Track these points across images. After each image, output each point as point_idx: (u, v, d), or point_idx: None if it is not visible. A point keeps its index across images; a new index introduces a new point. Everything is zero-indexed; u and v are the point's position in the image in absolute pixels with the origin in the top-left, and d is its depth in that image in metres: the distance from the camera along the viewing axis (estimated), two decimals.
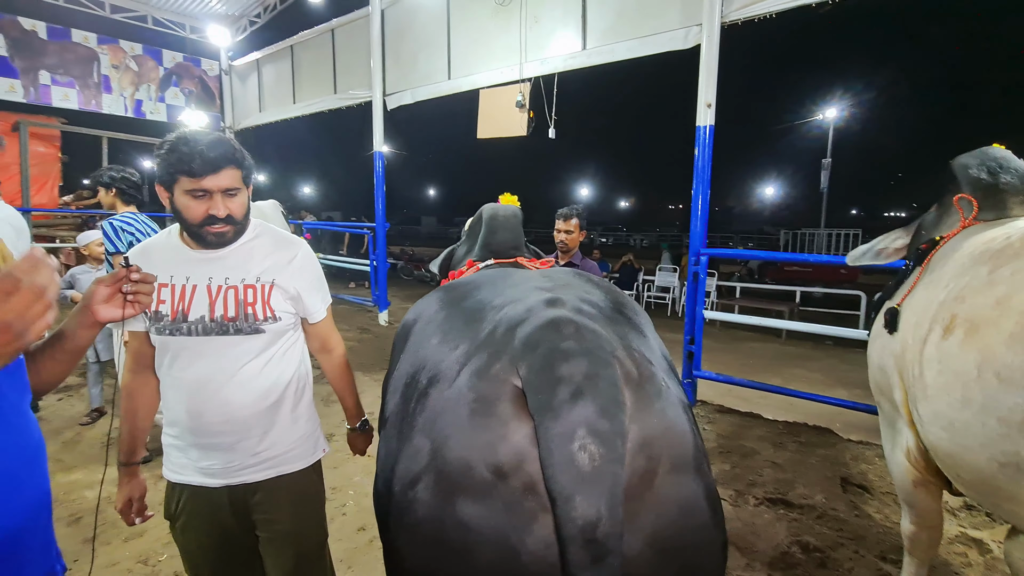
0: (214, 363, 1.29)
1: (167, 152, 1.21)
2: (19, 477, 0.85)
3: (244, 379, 1.31)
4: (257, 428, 1.33)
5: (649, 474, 0.73)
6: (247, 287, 1.31)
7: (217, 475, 1.32)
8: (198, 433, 1.31)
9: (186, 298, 1.28)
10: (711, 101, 3.52)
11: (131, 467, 1.36)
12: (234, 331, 1.29)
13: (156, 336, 1.28)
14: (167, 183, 1.23)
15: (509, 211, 1.81)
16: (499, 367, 0.78)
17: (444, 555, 0.72)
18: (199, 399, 1.29)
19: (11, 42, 7.05)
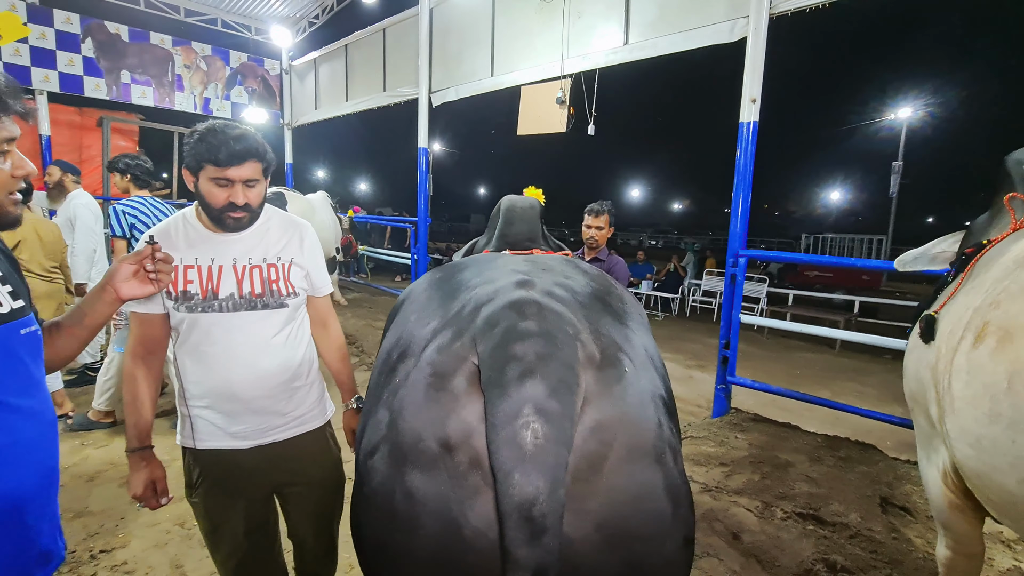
0: (246, 335, 1.39)
1: (197, 140, 1.30)
2: (34, 447, 0.89)
3: (273, 349, 1.43)
4: (285, 392, 1.46)
5: (600, 459, 0.72)
6: (269, 266, 1.43)
7: (249, 437, 1.43)
8: (232, 400, 1.40)
9: (214, 278, 1.37)
10: (756, 96, 3.37)
11: (145, 451, 1.41)
12: (261, 306, 1.41)
13: (186, 314, 1.36)
14: (193, 168, 1.32)
15: (527, 203, 1.80)
16: (459, 344, 0.78)
17: (394, 525, 0.74)
18: (234, 369, 1.39)
19: (98, 44, 7.70)
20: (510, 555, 0.64)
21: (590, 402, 0.74)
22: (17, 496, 0.85)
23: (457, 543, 0.69)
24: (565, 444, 0.68)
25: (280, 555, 1.62)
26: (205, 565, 2.24)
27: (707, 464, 3.15)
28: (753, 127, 3.40)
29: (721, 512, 2.63)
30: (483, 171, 47.44)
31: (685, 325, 8.56)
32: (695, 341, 7.26)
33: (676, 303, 9.46)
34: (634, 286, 9.58)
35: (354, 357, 5.36)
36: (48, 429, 0.93)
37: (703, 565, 2.26)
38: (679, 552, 0.77)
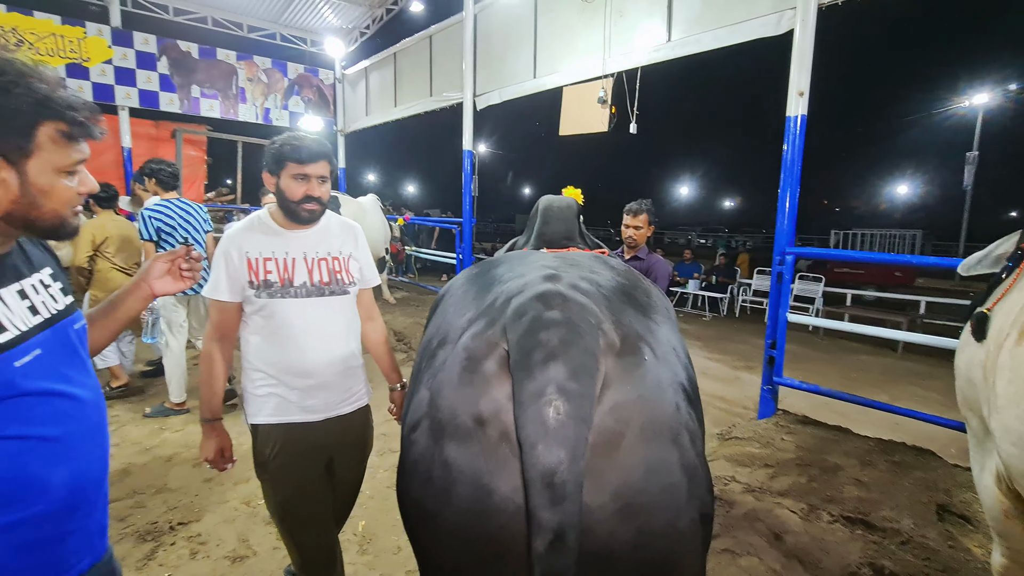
0: (317, 318, 1.61)
1: (280, 146, 1.55)
2: (95, 431, 0.97)
3: (339, 330, 1.67)
4: (347, 369, 1.69)
5: (617, 436, 0.79)
6: (333, 258, 1.66)
7: (319, 411, 1.63)
8: (307, 376, 1.60)
9: (289, 269, 1.59)
10: (804, 90, 3.29)
11: (215, 422, 1.63)
12: (329, 293, 1.64)
13: (267, 300, 1.57)
14: (275, 169, 1.56)
15: (563, 202, 1.85)
16: (491, 332, 0.87)
17: (432, 492, 0.83)
18: (308, 347, 1.59)
19: (172, 62, 8.35)
20: (534, 517, 0.72)
21: (609, 385, 0.81)
22: (86, 476, 0.95)
23: (487, 506, 0.78)
24: (584, 421, 0.75)
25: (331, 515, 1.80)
26: (267, 540, 2.44)
27: (751, 465, 3.10)
28: (801, 121, 3.32)
29: (763, 512, 2.60)
30: (527, 172, 47.54)
31: (734, 325, 8.33)
32: (744, 342, 7.07)
33: (725, 303, 9.20)
34: (680, 285, 9.41)
35: (402, 353, 5.58)
36: (102, 415, 1.01)
37: (742, 563, 2.26)
38: (694, 527, 0.82)
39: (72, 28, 7.50)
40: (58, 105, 0.82)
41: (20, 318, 0.85)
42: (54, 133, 0.82)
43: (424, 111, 7.96)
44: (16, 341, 0.83)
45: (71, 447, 0.90)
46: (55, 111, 0.82)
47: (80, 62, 7.58)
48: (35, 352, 0.85)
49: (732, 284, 9.36)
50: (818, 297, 8.33)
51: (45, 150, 0.82)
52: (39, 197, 0.83)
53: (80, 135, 0.86)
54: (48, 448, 0.87)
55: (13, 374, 0.81)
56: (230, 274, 1.56)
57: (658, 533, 0.78)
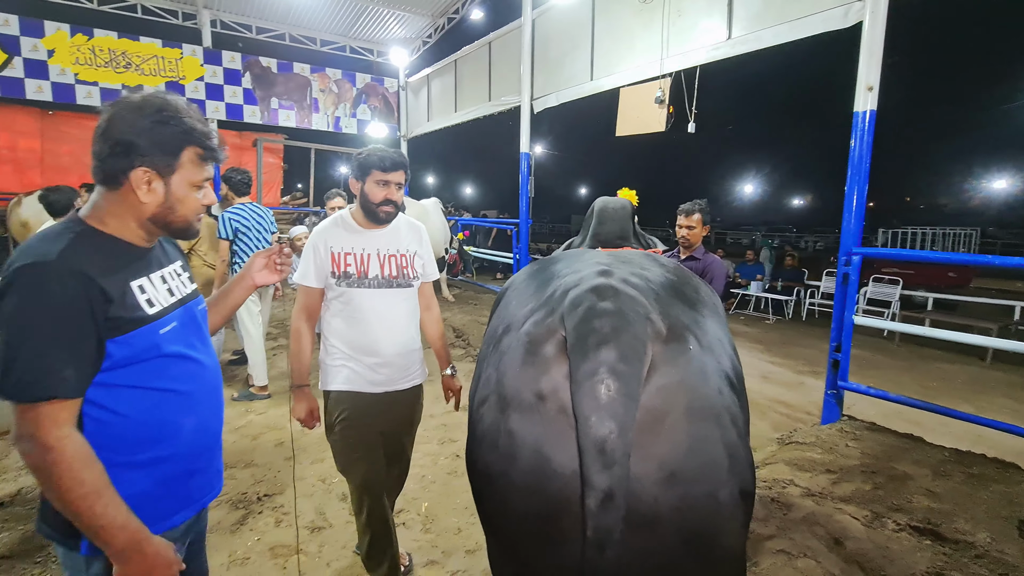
0: (386, 306, 1.87)
1: (366, 156, 1.82)
2: (212, 390, 1.19)
3: (403, 317, 1.92)
4: (408, 351, 1.94)
5: (662, 413, 0.88)
6: (401, 255, 1.91)
7: (382, 384, 1.89)
8: (375, 354, 1.86)
9: (365, 263, 1.85)
10: (873, 84, 3.17)
11: (304, 388, 1.90)
12: (396, 285, 1.89)
13: (346, 288, 1.83)
14: (360, 176, 1.82)
15: (618, 203, 1.92)
16: (551, 320, 0.99)
17: (498, 458, 0.96)
18: (379, 330, 1.85)
19: (254, 77, 9.06)
20: (587, 480, 0.83)
21: (656, 368, 0.91)
22: (208, 427, 1.17)
23: (547, 470, 0.90)
24: (632, 398, 0.85)
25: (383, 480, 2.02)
26: (341, 514, 2.68)
27: (811, 470, 3.04)
28: (870, 116, 3.20)
29: (823, 517, 2.56)
30: (583, 173, 47.17)
31: (800, 329, 7.98)
32: (810, 347, 6.77)
33: (790, 306, 8.82)
34: (742, 287, 9.11)
35: (460, 349, 5.80)
36: (219, 379, 1.23)
37: (799, 564, 2.24)
38: (734, 500, 0.90)
39: (171, 50, 8.33)
40: (199, 135, 1.06)
41: (162, 297, 1.08)
42: (193, 156, 1.06)
43: (483, 115, 8.20)
44: (161, 314, 1.06)
45: (197, 402, 1.13)
46: (196, 139, 1.06)
47: (177, 80, 8.40)
48: (172, 324, 1.08)
49: (799, 287, 8.95)
50: (894, 301, 7.83)
51: (185, 168, 1.06)
52: (176, 205, 1.07)
53: (210, 159, 1.10)
54: (181, 400, 1.09)
55: (158, 339, 1.04)
56: (317, 264, 1.85)
57: (700, 501, 0.87)
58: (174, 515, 1.11)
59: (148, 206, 1.04)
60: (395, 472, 2.13)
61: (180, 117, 1.03)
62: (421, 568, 2.31)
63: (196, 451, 1.14)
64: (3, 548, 2.32)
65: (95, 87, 7.80)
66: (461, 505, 2.80)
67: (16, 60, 7.30)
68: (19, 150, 8.35)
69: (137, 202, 1.03)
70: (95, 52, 7.77)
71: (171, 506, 1.10)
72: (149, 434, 1.04)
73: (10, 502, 2.68)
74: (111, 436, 1.00)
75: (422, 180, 34.70)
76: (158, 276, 1.09)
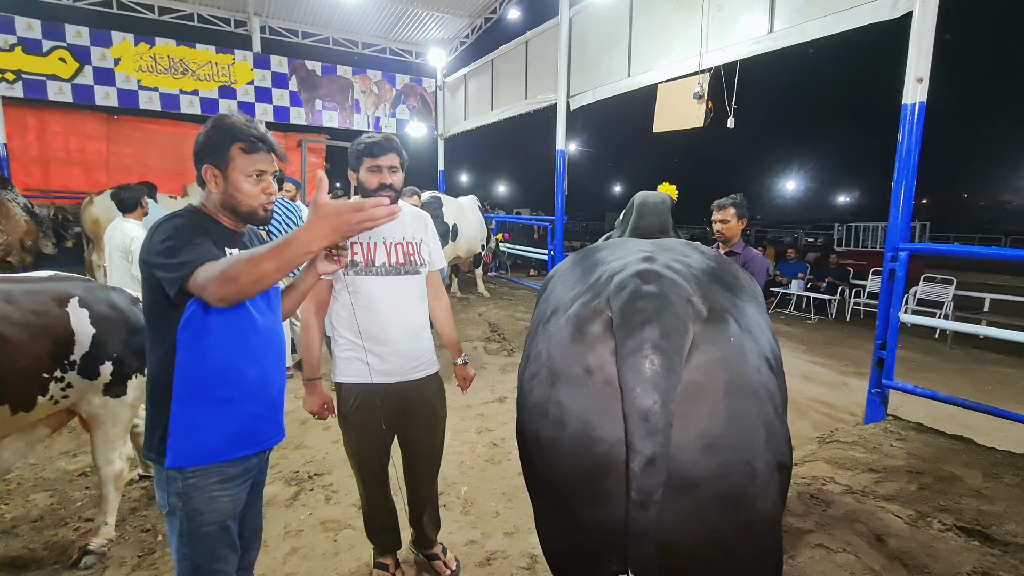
0: (395, 294, 1.90)
1: (356, 145, 1.86)
2: (273, 344, 1.43)
3: (412, 304, 1.94)
4: (418, 339, 1.95)
5: (702, 388, 0.95)
6: (408, 243, 1.94)
7: (392, 375, 1.91)
8: (384, 343, 1.88)
9: (372, 251, 1.89)
10: (923, 75, 3.09)
11: (314, 381, 1.92)
12: (404, 272, 1.90)
13: (354, 277, 1.86)
14: (355, 166, 1.86)
15: (658, 197, 1.95)
16: (597, 302, 1.07)
17: (548, 424, 1.05)
18: (388, 318, 1.88)
19: (300, 80, 9.44)
20: (631, 445, 0.91)
21: (697, 346, 0.97)
22: (270, 378, 1.40)
23: (593, 436, 0.97)
24: (674, 372, 0.92)
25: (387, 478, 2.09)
26: None
27: (853, 468, 3.00)
28: (919, 109, 3.12)
29: (864, 515, 2.53)
30: (618, 171, 46.66)
31: (844, 329, 7.73)
32: (855, 347, 6.57)
33: (834, 305, 8.55)
34: (782, 285, 8.89)
35: (495, 343, 5.91)
36: (280, 343, 1.48)
37: (838, 559, 2.24)
38: (769, 470, 0.96)
39: (224, 56, 8.77)
40: (238, 132, 1.31)
41: None
42: (238, 150, 1.31)
43: (519, 113, 8.29)
44: None
45: (261, 355, 1.38)
46: (238, 136, 1.31)
47: (230, 85, 8.84)
48: None
49: (844, 286, 8.67)
50: (948, 301, 7.49)
51: (236, 161, 1.32)
52: (235, 192, 1.33)
53: (253, 149, 1.33)
54: (248, 350, 1.34)
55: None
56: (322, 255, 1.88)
57: (736, 469, 0.93)
58: (240, 449, 1.35)
59: (216, 196, 1.34)
60: (422, 464, 2.11)
61: (226, 123, 1.31)
62: (461, 547, 2.42)
63: (259, 397, 1.38)
64: (88, 512, 2.56)
65: (155, 92, 8.30)
66: (499, 491, 2.90)
67: (87, 69, 7.85)
68: (87, 152, 8.98)
69: (211, 192, 1.34)
70: (156, 59, 8.27)
71: (239, 440, 1.34)
72: (223, 375, 1.29)
73: (90, 472, 2.94)
74: (195, 374, 1.26)
75: (458, 178, 35.11)
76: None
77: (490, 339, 6.08)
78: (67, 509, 2.61)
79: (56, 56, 7.63)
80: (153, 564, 2.24)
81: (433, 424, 2.08)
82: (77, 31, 7.76)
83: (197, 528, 1.30)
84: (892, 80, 3.26)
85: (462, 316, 6.93)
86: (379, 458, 2.02)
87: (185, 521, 1.29)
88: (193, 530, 1.30)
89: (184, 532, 1.30)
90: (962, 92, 23.36)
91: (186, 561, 1.32)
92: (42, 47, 7.55)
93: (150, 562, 2.26)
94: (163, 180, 8.06)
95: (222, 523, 1.34)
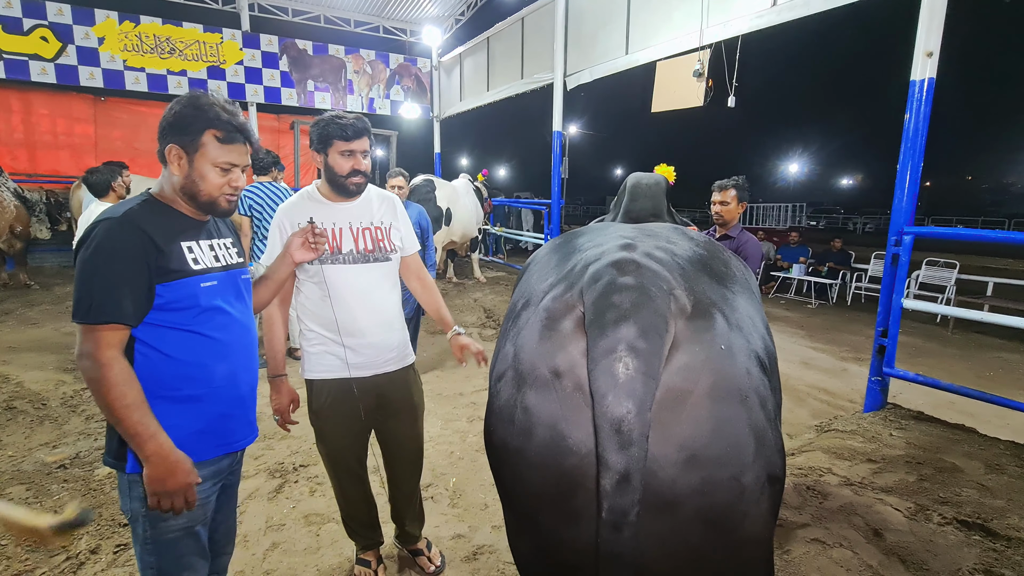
0: (364, 282, 1.78)
1: (325, 125, 1.69)
2: (243, 345, 1.35)
3: (383, 294, 1.82)
4: (391, 330, 1.85)
5: (684, 393, 0.84)
6: (376, 228, 1.80)
7: (364, 367, 1.80)
8: (354, 335, 1.77)
9: (337, 237, 1.75)
10: (933, 49, 2.93)
11: (279, 379, 1.79)
12: (373, 260, 1.79)
13: (320, 266, 1.72)
14: (321, 148, 1.71)
15: (652, 179, 1.82)
16: (570, 295, 0.96)
17: (514, 432, 0.95)
18: (356, 308, 1.76)
19: (291, 60, 9.19)
20: (603, 459, 0.81)
21: (679, 346, 0.87)
22: (240, 376, 1.33)
23: (562, 447, 0.88)
24: (651, 376, 0.82)
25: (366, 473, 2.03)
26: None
27: (851, 459, 2.92)
28: (928, 85, 2.96)
29: (862, 507, 2.46)
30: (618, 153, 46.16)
31: (845, 315, 7.64)
32: (856, 333, 6.48)
33: (835, 290, 8.44)
34: (782, 269, 8.77)
35: (490, 330, 5.83)
36: (253, 338, 1.39)
37: (834, 555, 2.17)
38: (760, 486, 0.86)
39: (212, 35, 8.52)
40: (218, 118, 1.21)
41: (207, 259, 1.27)
42: (212, 138, 1.21)
43: (515, 93, 8.07)
44: (203, 271, 1.25)
45: (230, 351, 1.30)
46: (215, 123, 1.21)
47: (218, 65, 8.61)
48: (212, 282, 1.26)
49: (845, 270, 8.54)
50: (950, 285, 7.38)
51: (207, 148, 1.21)
52: (199, 180, 1.22)
53: (230, 140, 1.23)
54: (215, 347, 1.26)
55: (198, 291, 1.23)
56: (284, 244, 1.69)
57: (721, 485, 0.83)
58: (207, 451, 1.28)
59: (178, 179, 1.23)
60: (402, 460, 2.02)
61: (203, 102, 1.20)
62: (447, 540, 2.35)
63: (228, 396, 1.30)
64: (64, 506, 2.49)
65: (142, 73, 8.08)
66: (489, 482, 2.82)
67: (70, 48, 7.62)
68: (75, 135, 8.79)
69: (173, 174, 1.23)
70: (142, 38, 8.03)
71: (206, 442, 1.27)
72: (186, 373, 1.22)
73: (70, 464, 2.87)
74: (156, 372, 1.19)
75: (455, 162, 34.72)
76: (207, 243, 1.29)
77: (485, 325, 6.00)
78: (43, 504, 2.54)
79: (38, 35, 7.40)
80: (129, 561, 2.17)
81: (412, 418, 1.99)
82: (59, 9, 7.51)
83: (162, 535, 1.23)
84: (898, 56, 3.09)
85: (457, 302, 6.84)
86: (355, 454, 1.93)
87: (149, 528, 1.22)
88: (158, 537, 1.23)
89: (148, 539, 1.23)
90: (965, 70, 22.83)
91: (151, 570, 1.25)
92: (23, 25, 7.32)
93: (125, 558, 2.19)
94: (153, 164, 7.88)
95: (190, 529, 1.26)
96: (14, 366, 4.21)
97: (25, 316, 5.79)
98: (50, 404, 3.57)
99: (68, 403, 3.61)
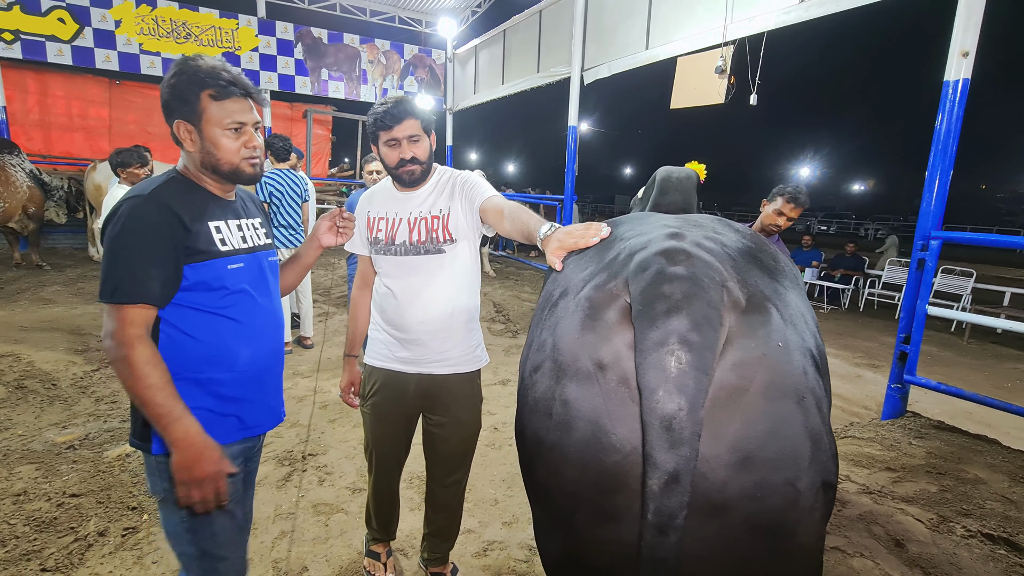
0: (413, 276, 1.68)
1: (369, 119, 1.63)
2: (269, 329, 1.33)
3: (435, 290, 1.67)
4: (443, 332, 1.70)
5: (739, 391, 0.79)
6: (433, 217, 1.65)
7: (410, 364, 1.73)
8: (401, 329, 1.71)
9: (394, 228, 1.69)
10: (969, 49, 2.84)
11: (351, 358, 1.84)
12: (424, 252, 1.66)
13: (376, 255, 1.73)
14: (375, 140, 1.64)
15: (683, 173, 1.76)
16: (613, 284, 0.91)
17: (551, 426, 0.90)
18: (404, 302, 1.69)
19: (306, 48, 9.15)
20: (651, 458, 0.76)
21: (733, 341, 0.82)
22: (263, 360, 1.30)
23: (604, 444, 0.83)
24: (705, 372, 0.77)
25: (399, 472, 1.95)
26: None
27: (870, 467, 2.86)
28: (963, 86, 2.88)
29: (882, 517, 2.40)
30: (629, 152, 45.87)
31: (859, 320, 7.53)
32: (870, 339, 6.38)
33: (847, 295, 8.33)
34: None
35: (499, 324, 5.78)
36: (279, 320, 1.37)
37: (855, 564, 2.11)
38: (814, 491, 0.81)
39: (228, 20, 8.50)
40: (207, 75, 1.15)
41: (235, 240, 1.25)
42: (207, 98, 1.15)
43: (530, 87, 8.00)
44: (230, 252, 1.22)
45: (255, 335, 1.27)
46: (206, 81, 1.15)
47: (233, 51, 8.59)
48: (239, 264, 1.24)
49: (858, 275, 8.43)
50: (966, 294, 7.26)
51: (209, 112, 1.16)
52: (213, 149, 1.18)
53: (225, 95, 1.16)
54: (239, 330, 1.24)
55: (225, 273, 1.20)
56: (360, 231, 1.76)
57: (776, 490, 0.78)
58: (231, 434, 1.25)
59: (195, 154, 1.19)
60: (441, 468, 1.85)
61: (190, 66, 1.15)
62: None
63: (251, 380, 1.27)
64: (74, 487, 2.48)
65: (158, 57, 8.08)
66: (499, 478, 2.79)
67: (87, 30, 7.62)
68: (90, 118, 8.80)
69: (189, 151, 1.19)
70: (158, 22, 8.02)
71: (227, 425, 1.24)
72: (210, 355, 1.19)
73: (79, 445, 2.85)
74: (180, 352, 1.16)
75: (467, 155, 34.67)
76: (235, 224, 1.26)
77: (495, 320, 5.95)
78: (52, 484, 2.53)
79: (55, 16, 7.40)
80: (137, 544, 2.15)
81: (457, 435, 1.81)
82: None
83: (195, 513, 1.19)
84: (918, 58, 3.00)
85: None
86: (394, 451, 1.87)
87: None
88: (192, 515, 1.19)
89: (184, 518, 1.19)
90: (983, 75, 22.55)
91: (191, 547, 1.22)
92: (40, 6, 7.32)
93: (134, 542, 2.16)
94: (166, 148, 7.88)
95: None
96: (25, 346, 4.21)
97: (37, 296, 5.80)
98: (60, 384, 3.56)
99: (78, 384, 3.60)
